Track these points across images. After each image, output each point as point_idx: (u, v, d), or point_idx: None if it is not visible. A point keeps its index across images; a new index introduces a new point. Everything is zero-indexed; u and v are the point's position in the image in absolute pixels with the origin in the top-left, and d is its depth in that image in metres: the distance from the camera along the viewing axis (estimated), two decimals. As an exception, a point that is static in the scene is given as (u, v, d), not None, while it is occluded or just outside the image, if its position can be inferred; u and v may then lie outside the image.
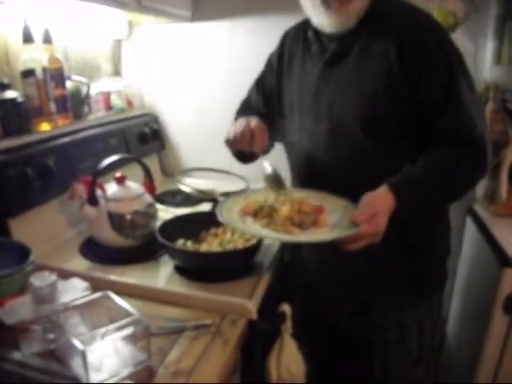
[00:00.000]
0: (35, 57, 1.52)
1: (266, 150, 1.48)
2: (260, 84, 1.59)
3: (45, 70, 1.55)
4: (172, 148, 2.29)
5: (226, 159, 2.12)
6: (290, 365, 1.32)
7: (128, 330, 0.98)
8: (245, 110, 1.58)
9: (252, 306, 1.21)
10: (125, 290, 1.25)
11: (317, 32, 1.36)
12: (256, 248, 1.37)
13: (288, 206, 1.27)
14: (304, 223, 1.24)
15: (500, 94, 1.80)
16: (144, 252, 1.47)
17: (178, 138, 2.28)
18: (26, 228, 1.42)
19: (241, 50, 2.09)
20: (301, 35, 1.44)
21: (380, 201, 1.17)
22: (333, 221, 1.24)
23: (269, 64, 1.57)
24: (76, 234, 1.59)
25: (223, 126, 2.14)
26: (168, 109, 2.26)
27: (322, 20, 1.28)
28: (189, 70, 2.18)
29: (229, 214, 1.26)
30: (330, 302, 1.49)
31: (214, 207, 1.75)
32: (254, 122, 1.32)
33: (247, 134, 1.29)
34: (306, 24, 1.43)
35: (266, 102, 1.55)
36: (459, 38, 1.83)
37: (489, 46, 1.95)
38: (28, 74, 1.51)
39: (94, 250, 1.49)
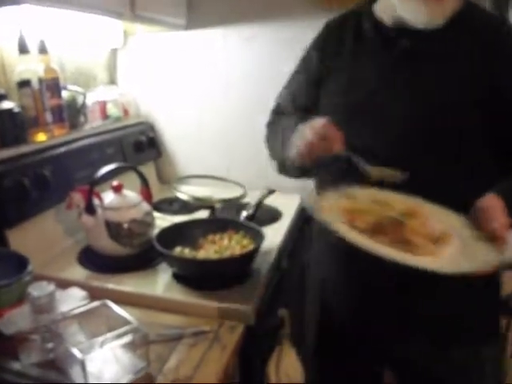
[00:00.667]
0: (31, 67, 1.53)
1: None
2: (295, 86, 1.42)
3: (41, 80, 1.55)
4: (168, 156, 2.29)
5: (223, 166, 2.15)
6: (288, 370, 1.33)
7: (127, 338, 0.98)
8: (279, 118, 1.41)
9: (250, 312, 1.21)
10: (123, 299, 1.25)
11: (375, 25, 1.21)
12: (253, 254, 1.38)
13: (417, 220, 1.06)
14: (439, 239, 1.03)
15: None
16: (142, 260, 1.47)
17: (174, 145, 2.28)
18: (24, 238, 1.42)
19: (237, 58, 2.10)
20: (349, 28, 1.27)
21: (498, 208, 1.02)
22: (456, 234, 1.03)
23: (305, 63, 1.39)
24: (74, 243, 1.59)
25: (220, 133, 2.17)
26: (164, 117, 2.26)
27: (411, 11, 1.12)
28: (185, 78, 2.19)
29: (332, 219, 1.02)
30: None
31: (211, 214, 1.75)
32: (318, 121, 1.13)
33: (322, 135, 1.10)
34: (354, 16, 1.28)
35: (302, 107, 1.35)
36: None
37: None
38: (24, 84, 1.52)
39: (91, 258, 1.49)
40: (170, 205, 1.96)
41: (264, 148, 2.13)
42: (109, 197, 1.49)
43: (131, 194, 1.52)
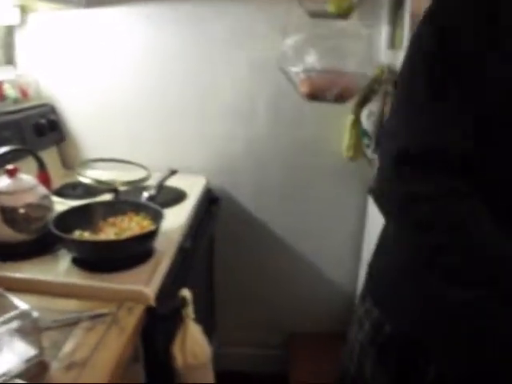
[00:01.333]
0: None
1: None
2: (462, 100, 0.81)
3: None
4: (73, 139, 2.21)
5: (127, 149, 2.11)
6: (195, 349, 1.32)
7: (15, 324, 0.94)
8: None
9: (149, 292, 1.20)
10: (20, 286, 1.20)
11: None
12: (152, 234, 1.36)
13: None
14: None
15: (394, 75, 1.87)
16: (40, 246, 1.41)
17: (78, 128, 2.20)
18: None
19: (140, 36, 2.05)
20: None
21: None
22: None
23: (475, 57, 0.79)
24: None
25: (125, 115, 2.13)
26: (68, 99, 2.18)
27: None
28: (89, 58, 2.11)
29: None
30: None
31: (115, 197, 1.72)
32: None
33: None
34: None
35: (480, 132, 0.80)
36: (354, 23, 1.88)
37: (383, 31, 2.02)
38: None
39: (-14, 247, 1.42)
40: (73, 190, 1.90)
41: (170, 128, 2.12)
42: (3, 181, 1.42)
43: (27, 178, 1.45)
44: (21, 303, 0.98)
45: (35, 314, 0.97)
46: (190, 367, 1.33)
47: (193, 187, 1.94)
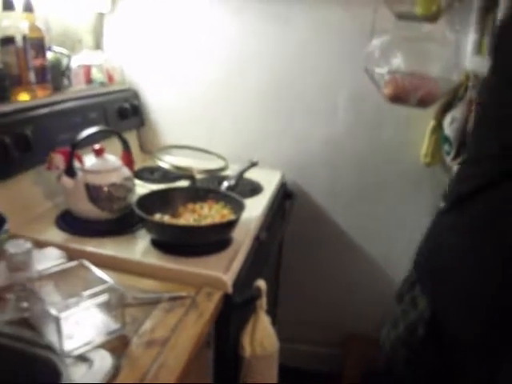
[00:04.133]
0: (15, 24, 1.49)
1: None
2: None
3: (25, 38, 1.51)
4: (152, 125, 2.27)
5: (206, 137, 2.14)
6: (263, 340, 1.34)
7: (103, 298, 0.98)
8: None
9: (228, 280, 1.22)
10: (100, 262, 1.23)
11: None
12: (233, 223, 1.38)
13: None
14: None
15: (479, 82, 1.83)
16: (120, 225, 1.46)
17: (158, 115, 2.25)
18: (2, 198, 1.39)
19: (225, 30, 2.08)
20: None
21: None
22: None
23: None
24: (53, 206, 1.57)
25: (204, 105, 2.16)
26: (149, 85, 2.24)
27: None
28: (172, 47, 2.16)
29: None
30: None
31: (191, 184, 1.75)
32: None
33: None
34: None
35: None
36: (441, 27, 1.84)
37: (470, 37, 1.97)
38: (8, 41, 1.47)
39: (70, 222, 1.47)
40: (151, 173, 1.95)
41: (247, 121, 2.14)
42: (90, 160, 1.48)
43: (112, 158, 1.50)
44: (107, 278, 1.01)
45: (121, 289, 1.00)
46: (257, 357, 1.35)
47: (268, 180, 1.95)
